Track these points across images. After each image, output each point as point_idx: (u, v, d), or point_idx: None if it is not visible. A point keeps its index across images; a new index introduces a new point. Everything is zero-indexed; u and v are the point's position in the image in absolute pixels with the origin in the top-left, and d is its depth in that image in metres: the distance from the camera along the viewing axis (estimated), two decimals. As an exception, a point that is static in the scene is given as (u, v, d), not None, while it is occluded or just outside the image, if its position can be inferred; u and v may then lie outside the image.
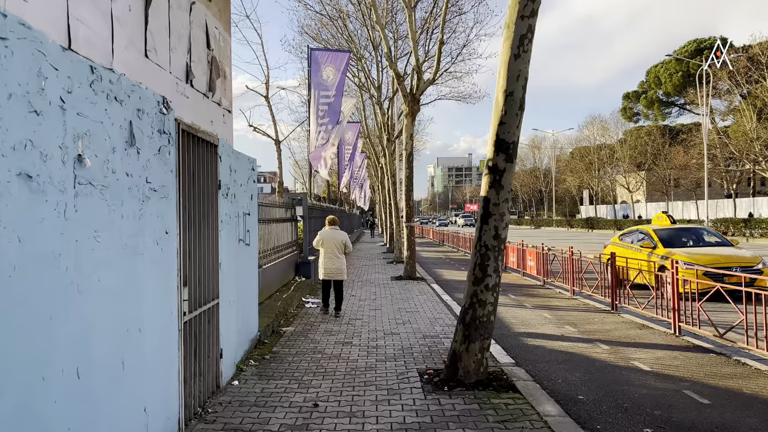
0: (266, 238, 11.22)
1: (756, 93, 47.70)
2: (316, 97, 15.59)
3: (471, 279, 5.86)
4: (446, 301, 11.81)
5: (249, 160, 7.45)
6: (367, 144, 37.82)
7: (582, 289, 12.27)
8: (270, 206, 11.02)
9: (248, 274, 7.26)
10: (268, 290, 10.75)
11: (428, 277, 16.43)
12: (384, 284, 14.75)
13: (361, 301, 11.87)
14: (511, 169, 5.74)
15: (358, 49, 23.73)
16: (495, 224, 5.73)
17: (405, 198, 15.89)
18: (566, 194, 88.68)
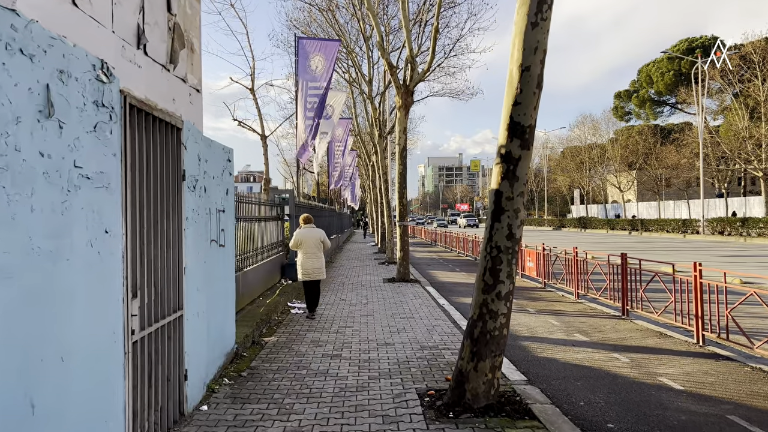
0: (248, 238, 10.32)
1: (748, 92, 47.38)
2: (304, 88, 14.71)
3: (480, 286, 5.02)
4: (443, 306, 10.97)
5: (224, 150, 6.56)
6: (358, 142, 36.97)
7: (588, 293, 11.48)
8: (252, 203, 10.13)
9: (223, 279, 6.38)
10: (249, 295, 9.86)
11: (422, 279, 15.59)
12: (376, 287, 13.89)
13: (351, 306, 11.00)
14: (528, 157, 4.91)
15: (349, 43, 22.87)
16: (509, 222, 4.89)
17: (398, 195, 15.04)
18: (557, 194, 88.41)
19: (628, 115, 77.34)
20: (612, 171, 68.75)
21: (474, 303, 5.08)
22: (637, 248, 26.84)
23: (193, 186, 5.16)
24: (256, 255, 10.70)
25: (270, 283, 11.94)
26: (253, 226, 10.64)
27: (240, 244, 9.41)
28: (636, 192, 70.77)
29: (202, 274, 5.46)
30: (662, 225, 44.45)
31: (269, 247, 12.21)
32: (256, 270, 10.56)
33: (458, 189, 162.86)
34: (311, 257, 9.60)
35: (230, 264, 6.75)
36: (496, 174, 4.98)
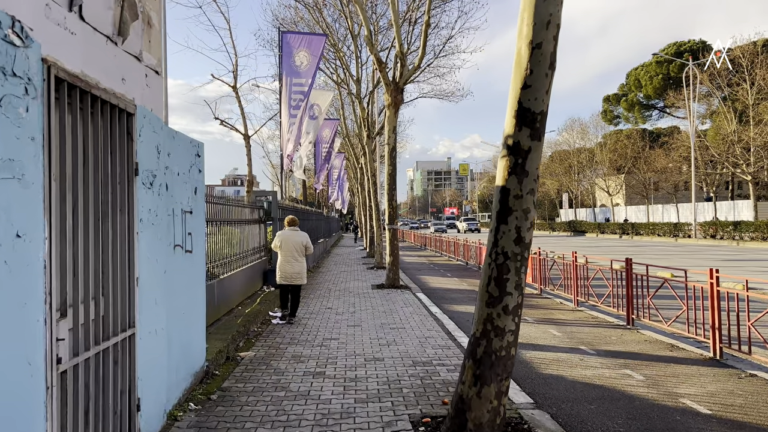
0: (226, 242, 9.57)
1: (736, 96, 47.36)
2: (288, 85, 14.00)
3: (484, 298, 4.33)
4: (435, 315, 10.28)
5: (193, 143, 5.84)
6: (346, 144, 36.30)
7: (588, 300, 10.84)
8: (230, 205, 9.38)
9: (190, 289, 5.64)
10: (227, 305, 9.10)
11: (413, 285, 14.89)
12: (364, 294, 13.17)
13: (338, 315, 10.27)
14: (538, 149, 4.24)
15: (337, 42, 22.19)
16: (517, 223, 4.21)
17: (387, 198, 14.35)
18: (545, 197, 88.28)
19: (617, 118, 77.43)
20: (600, 175, 68.66)
21: (477, 318, 4.39)
22: (631, 252, 26.34)
23: (149, 182, 4.43)
24: (235, 261, 9.95)
25: (251, 291, 11.19)
26: (231, 230, 9.89)
27: (215, 249, 8.67)
28: (624, 196, 70.71)
29: (162, 284, 4.72)
30: (653, 229, 44.16)
31: (250, 252, 11.46)
32: (235, 277, 9.80)
33: (447, 193, 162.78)
34: (290, 261, 9.30)
35: (199, 272, 6.01)
36: (501, 169, 4.30)
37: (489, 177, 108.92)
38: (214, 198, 8.11)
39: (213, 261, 8.40)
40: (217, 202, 8.47)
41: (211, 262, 8.28)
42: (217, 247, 8.75)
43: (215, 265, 8.55)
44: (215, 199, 8.15)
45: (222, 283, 8.77)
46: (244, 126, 16.58)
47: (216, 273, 8.55)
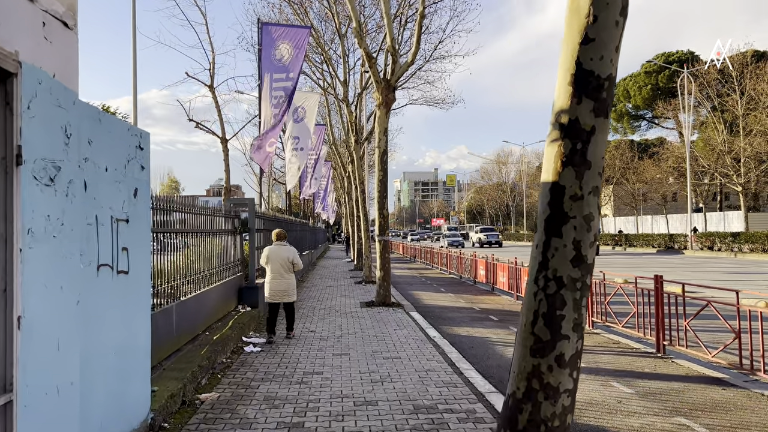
0: (193, 256, 8.19)
1: (726, 106, 46.96)
2: (269, 81, 12.70)
3: (528, 343, 3.05)
4: (434, 339, 8.97)
5: (132, 131, 4.51)
6: (333, 154, 35.04)
7: (605, 321, 9.60)
8: (196, 213, 8.01)
9: (126, 322, 4.29)
10: (190, 331, 7.70)
11: (405, 303, 13.57)
12: (352, 313, 11.82)
13: (322, 341, 8.92)
14: (605, 129, 2.99)
15: (323, 44, 20.99)
16: (576, 236, 2.94)
17: (377, 206, 13.06)
18: (533, 209, 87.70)
19: (606, 129, 77.03)
20: (590, 185, 67.90)
21: (516, 370, 3.10)
22: (631, 266, 25.27)
23: (48, 177, 3.10)
24: (203, 278, 8.56)
25: (223, 312, 9.79)
26: (198, 242, 8.52)
27: (177, 265, 7.30)
28: (612, 207, 70.13)
29: (74, 320, 3.38)
30: (647, 240, 43.29)
31: (224, 267, 10.08)
32: (204, 297, 8.41)
33: (434, 204, 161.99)
34: (277, 277, 8.87)
35: (140, 298, 4.66)
36: (551, 158, 3.03)
37: (476, 188, 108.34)
38: (172, 204, 6.74)
39: (173, 280, 7.04)
40: (179, 209, 7.11)
41: (170, 281, 6.91)
42: (178, 263, 7.38)
43: (176, 284, 7.18)
44: (174, 205, 6.78)
45: (185, 306, 7.39)
46: (222, 129, 15.25)
47: (177, 294, 7.18)
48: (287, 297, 8.89)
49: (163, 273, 6.66)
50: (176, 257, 7.43)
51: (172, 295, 6.95)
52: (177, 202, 6.97)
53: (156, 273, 6.30)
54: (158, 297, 6.40)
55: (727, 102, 46.48)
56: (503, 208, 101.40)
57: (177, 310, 7.00)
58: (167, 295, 6.77)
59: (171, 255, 7.20)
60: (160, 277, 6.53)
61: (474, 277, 18.56)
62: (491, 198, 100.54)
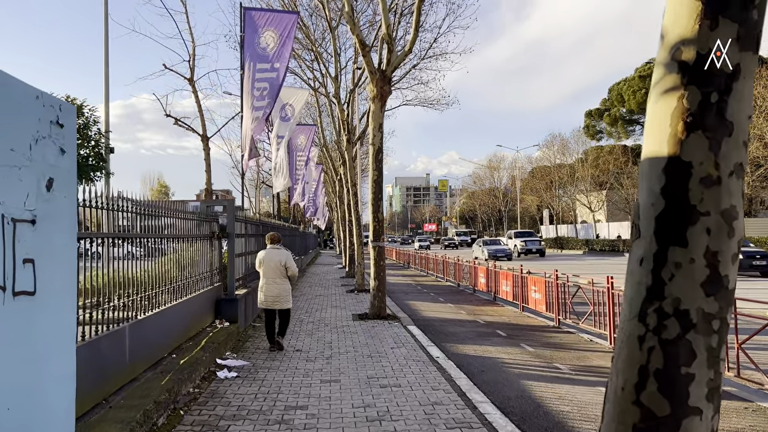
0: (156, 266, 6.99)
1: (722, 110, 46.26)
2: (251, 71, 11.54)
3: (629, 419, 1.88)
4: (437, 360, 7.81)
5: (41, 99, 3.32)
6: (324, 157, 33.91)
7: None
8: (157, 215, 6.79)
9: (27, 363, 3.10)
10: (150, 356, 6.48)
11: (402, 315, 12.40)
12: (344, 327, 10.64)
13: (308, 362, 7.73)
14: (752, 72, 1.85)
15: (312, 40, 19.85)
16: (710, 244, 1.79)
17: (371, 209, 11.90)
18: (525, 214, 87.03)
19: (600, 133, 76.63)
20: (582, 191, 67.46)
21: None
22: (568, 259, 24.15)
23: None
24: (169, 291, 7.35)
25: (196, 328, 8.57)
26: (165, 249, 7.31)
27: (131, 277, 6.10)
28: (606, 212, 69.46)
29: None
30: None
31: (199, 277, 8.88)
32: (169, 313, 7.20)
33: (426, 209, 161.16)
34: (270, 282, 8.50)
35: (57, 326, 3.46)
36: (665, 120, 1.88)
37: (468, 193, 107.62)
38: (123, 202, 5.51)
39: (126, 296, 5.84)
40: (132, 210, 5.90)
41: (123, 298, 5.71)
42: (135, 276, 6.18)
43: (131, 300, 5.97)
44: (126, 203, 5.54)
45: (142, 326, 6.18)
46: (202, 126, 14.06)
47: (132, 312, 5.97)
48: (279, 303, 8.44)
49: (111, 288, 5.46)
50: (134, 268, 6.24)
51: (125, 316, 5.74)
52: (130, 200, 5.76)
53: (97, 290, 5.10)
54: (101, 318, 5.20)
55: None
56: (496, 214, 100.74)
57: (132, 332, 5.79)
58: (117, 315, 5.57)
59: (131, 265, 6.01)
60: (103, 295, 5.33)
61: (474, 286, 17.44)
62: (483, 203, 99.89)
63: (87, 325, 4.97)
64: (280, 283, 8.46)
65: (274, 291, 8.44)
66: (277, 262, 8.46)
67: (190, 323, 8.27)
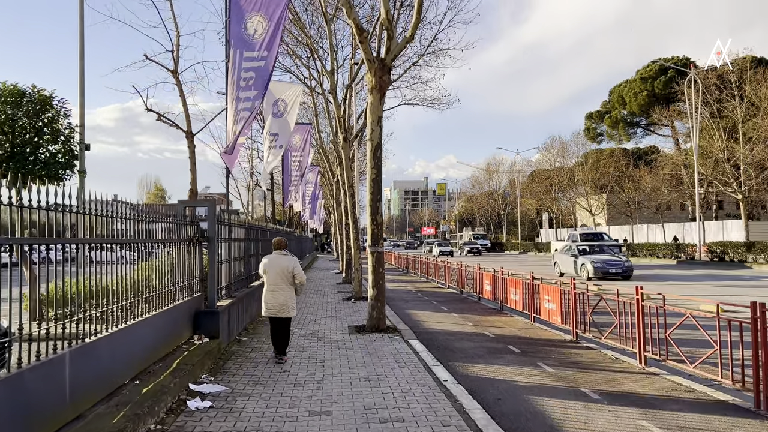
0: (120, 275, 5.93)
1: (726, 112, 45.51)
2: (237, 60, 10.52)
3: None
4: (445, 384, 6.75)
5: None
6: (321, 160, 32.90)
7: (666, 359, 7.43)
8: (113, 217, 5.72)
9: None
10: (101, 387, 5.39)
11: (402, 326, 11.33)
12: (338, 342, 9.57)
13: (297, 387, 6.67)
14: None
15: (307, 33, 18.84)
16: None
17: (370, 211, 10.85)
18: (524, 217, 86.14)
19: (600, 136, 75.81)
20: (582, 194, 66.60)
21: None
22: (658, 281, 23.11)
23: None
24: (131, 306, 6.28)
25: (169, 346, 7.49)
26: (127, 255, 6.25)
27: (72, 291, 5.04)
28: (606, 215, 68.53)
29: None
30: (651, 249, 41.33)
31: (175, 287, 7.82)
32: (132, 333, 6.13)
33: (425, 212, 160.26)
34: (274, 290, 8.13)
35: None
36: None
37: (467, 197, 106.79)
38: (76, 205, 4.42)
39: (72, 315, 4.78)
40: (85, 212, 4.84)
41: (61, 318, 4.65)
42: (82, 288, 5.11)
43: (76, 320, 4.91)
44: (57, 204, 4.44)
45: (92, 350, 5.11)
46: (187, 121, 13.00)
47: (78, 333, 4.91)
48: (285, 312, 8.09)
49: (42, 305, 4.40)
50: (83, 279, 5.19)
51: (64, 337, 4.67)
52: (95, 199, 4.67)
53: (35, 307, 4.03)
54: (28, 345, 4.13)
55: (726, 108, 45.05)
56: (494, 217, 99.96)
57: (74, 359, 4.73)
58: (54, 338, 4.50)
59: (80, 273, 4.95)
60: (37, 314, 4.26)
61: (478, 293, 16.38)
62: (482, 206, 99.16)
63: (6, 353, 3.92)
64: (286, 291, 8.13)
65: (279, 299, 8.07)
66: (284, 268, 8.11)
67: (162, 341, 7.20)
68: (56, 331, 4.55)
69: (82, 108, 12.01)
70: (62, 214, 4.55)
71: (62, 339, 4.62)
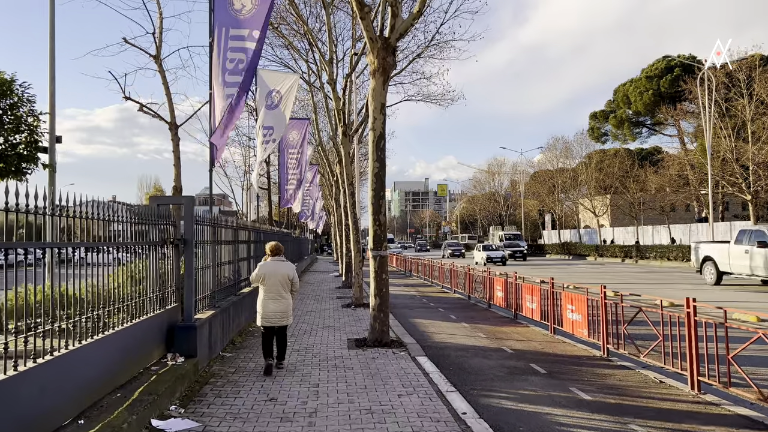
0: (57, 287, 4.73)
1: (735, 111, 44.35)
2: (223, 40, 9.34)
3: None
4: (466, 420, 5.54)
5: None
6: (321, 160, 31.73)
7: (727, 386, 6.22)
8: (53, 214, 4.53)
9: None
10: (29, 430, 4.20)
11: (408, 339, 10.11)
12: (336, 360, 8.37)
13: (283, 423, 5.47)
14: None
15: (304, 19, 17.65)
16: None
17: (371, 209, 9.65)
18: (527, 218, 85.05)
19: (605, 136, 74.59)
20: (586, 195, 65.43)
21: None
22: (683, 286, 21.87)
23: None
24: (82, 322, 5.09)
25: (133, 370, 6.29)
26: (74, 260, 5.06)
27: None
28: (609, 216, 67.32)
29: None
30: (662, 252, 40.06)
31: (147, 298, 6.63)
32: (81, 356, 4.94)
33: (426, 214, 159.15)
34: (274, 298, 7.75)
35: None
36: None
37: (468, 198, 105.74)
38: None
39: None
40: (20, 210, 3.64)
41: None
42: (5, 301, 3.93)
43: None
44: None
45: (14, 385, 3.93)
46: (170, 111, 11.80)
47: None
48: (286, 319, 7.82)
49: None
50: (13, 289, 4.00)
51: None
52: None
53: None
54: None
55: (735, 106, 43.90)
56: (496, 218, 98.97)
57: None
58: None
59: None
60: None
61: (488, 300, 15.17)
62: (484, 207, 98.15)
63: None
64: (286, 298, 7.82)
65: (281, 306, 7.72)
66: (284, 275, 7.79)
67: (123, 364, 6.00)
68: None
69: (52, 95, 10.81)
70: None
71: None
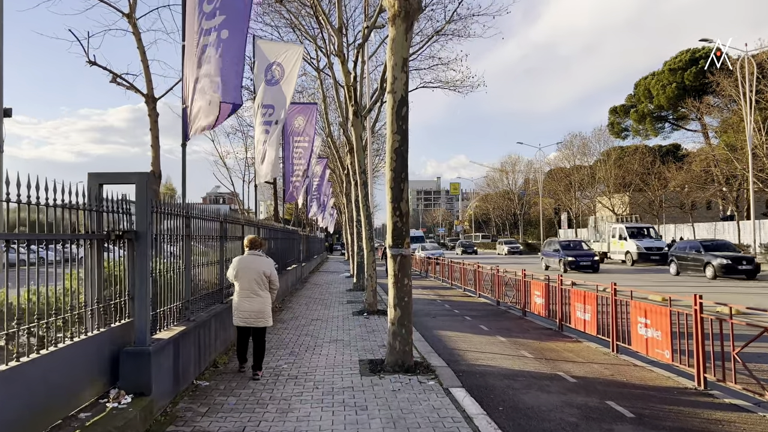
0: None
1: (764, 104, 41.90)
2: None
3: None
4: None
5: None
6: (331, 154, 29.73)
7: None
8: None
9: None
10: None
11: (436, 360, 8.00)
12: (344, 392, 6.30)
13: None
14: None
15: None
16: None
17: (390, 196, 7.56)
18: (543, 217, 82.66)
19: (625, 131, 71.90)
20: (605, 192, 63.00)
21: None
22: (722, 292, 19.62)
23: None
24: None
25: (45, 424, 4.28)
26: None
27: None
28: (628, 214, 64.71)
29: None
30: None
31: (77, 314, 4.63)
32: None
33: (438, 212, 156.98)
34: (248, 296, 7.00)
35: None
36: None
37: (481, 196, 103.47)
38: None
39: None
40: None
41: None
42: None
43: None
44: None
45: None
46: (147, 82, 9.82)
47: None
48: (263, 320, 7.10)
49: None
50: None
51: None
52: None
53: None
54: None
55: (765, 98, 41.50)
56: (510, 217, 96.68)
57: None
58: None
59: None
60: None
61: (523, 307, 13.03)
62: (497, 206, 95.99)
63: None
64: (263, 296, 7.11)
65: (255, 305, 7.02)
66: (260, 272, 7.07)
67: (27, 415, 3.97)
68: None
69: None
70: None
71: None
